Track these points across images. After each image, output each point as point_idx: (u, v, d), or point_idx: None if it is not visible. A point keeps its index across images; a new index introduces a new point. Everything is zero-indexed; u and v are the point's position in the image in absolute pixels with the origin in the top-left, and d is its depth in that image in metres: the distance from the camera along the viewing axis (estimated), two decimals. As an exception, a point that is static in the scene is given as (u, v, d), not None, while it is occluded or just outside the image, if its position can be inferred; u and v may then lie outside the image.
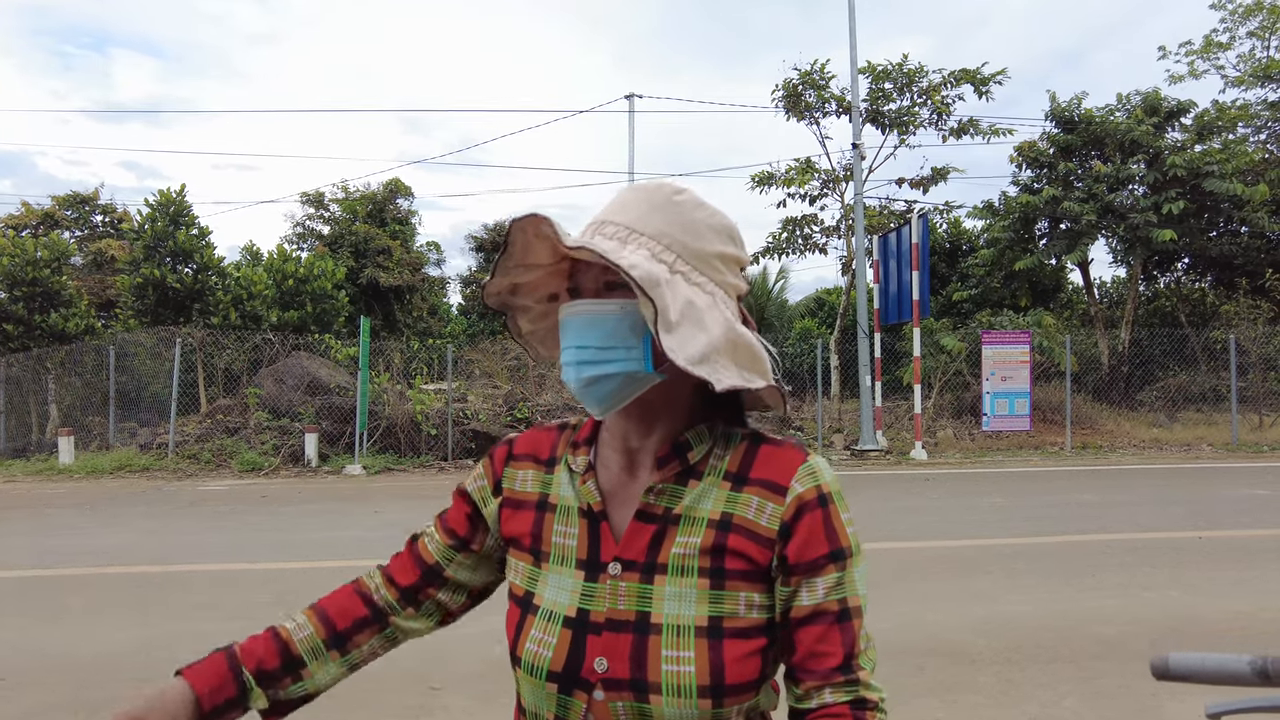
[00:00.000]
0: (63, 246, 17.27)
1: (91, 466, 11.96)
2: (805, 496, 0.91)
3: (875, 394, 14.00)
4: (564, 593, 0.95)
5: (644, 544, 0.93)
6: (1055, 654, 4.03)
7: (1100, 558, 5.98)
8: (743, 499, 0.93)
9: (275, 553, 6.58)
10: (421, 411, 13.17)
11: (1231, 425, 14.39)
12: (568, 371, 0.93)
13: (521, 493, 1.04)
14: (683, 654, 0.88)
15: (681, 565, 0.91)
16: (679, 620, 0.89)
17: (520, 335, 1.06)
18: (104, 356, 14.54)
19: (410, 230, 25.92)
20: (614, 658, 0.90)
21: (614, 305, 0.91)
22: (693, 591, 0.90)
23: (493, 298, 1.01)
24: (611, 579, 0.93)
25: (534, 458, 1.06)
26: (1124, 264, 18.52)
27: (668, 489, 0.95)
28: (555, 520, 1.00)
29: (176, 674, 0.99)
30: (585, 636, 0.92)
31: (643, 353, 0.91)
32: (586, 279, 0.94)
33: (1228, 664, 0.90)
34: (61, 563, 6.25)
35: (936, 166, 16.49)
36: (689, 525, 0.93)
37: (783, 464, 0.93)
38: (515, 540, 1.03)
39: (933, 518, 7.77)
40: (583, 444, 1.02)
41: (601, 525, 0.96)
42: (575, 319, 0.93)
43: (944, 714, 3.40)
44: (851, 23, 14.24)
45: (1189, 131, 17.41)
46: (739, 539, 0.91)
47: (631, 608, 0.91)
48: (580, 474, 0.99)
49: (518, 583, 1.01)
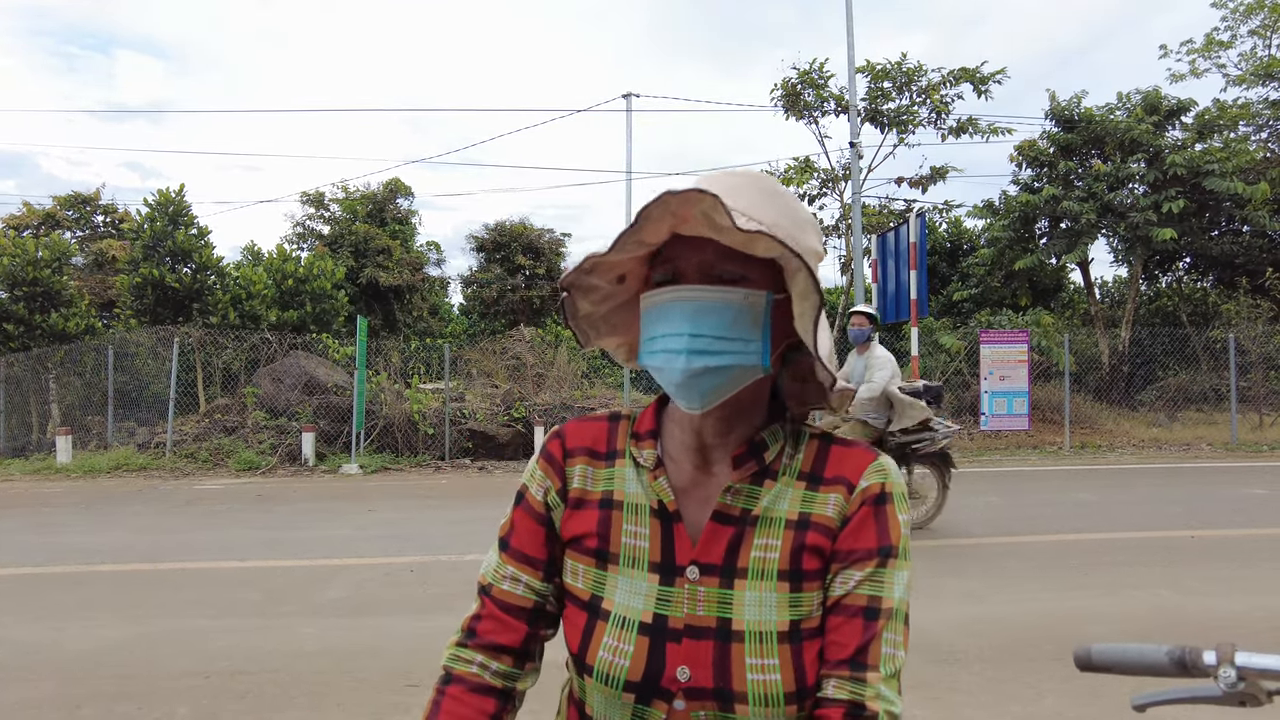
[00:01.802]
0: (64, 247, 17.31)
1: (89, 466, 11.98)
2: (870, 491, 0.90)
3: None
4: (638, 597, 0.90)
5: (722, 547, 0.90)
6: (1041, 653, 4.01)
7: (1093, 557, 5.96)
8: (819, 498, 0.91)
9: (266, 551, 6.58)
10: (419, 411, 13.18)
11: (1231, 425, 14.34)
12: (672, 359, 0.86)
13: (582, 490, 0.98)
14: (767, 661, 0.86)
15: (761, 569, 0.89)
16: (761, 626, 0.87)
17: (575, 317, 0.98)
18: (103, 356, 14.58)
19: (410, 230, 25.93)
20: (697, 666, 0.86)
21: (738, 294, 0.87)
22: (773, 595, 0.88)
23: (576, 274, 0.93)
24: (690, 583, 0.89)
25: (589, 451, 0.99)
26: (1124, 263, 18.46)
27: (744, 489, 0.92)
28: (624, 519, 0.94)
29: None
30: (664, 644, 0.88)
31: (761, 346, 0.88)
32: (690, 263, 0.89)
33: (1147, 654, 0.89)
34: (53, 560, 6.26)
35: (935, 166, 16.46)
36: (767, 527, 0.90)
37: (855, 462, 0.92)
38: (576, 541, 0.96)
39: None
40: (645, 436, 0.97)
41: (676, 526, 0.92)
42: (690, 304, 0.86)
43: (925, 712, 3.39)
44: (849, 22, 14.22)
45: (1189, 130, 17.35)
46: (816, 536, 0.90)
47: (712, 613, 0.88)
48: (650, 469, 0.94)
49: (579, 585, 0.95)
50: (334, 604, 5.05)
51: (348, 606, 5.01)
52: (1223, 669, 0.83)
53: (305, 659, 4.09)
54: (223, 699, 3.61)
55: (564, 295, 0.95)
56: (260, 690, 3.70)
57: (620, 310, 1.00)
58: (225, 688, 3.73)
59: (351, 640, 4.37)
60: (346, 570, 5.92)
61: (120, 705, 3.55)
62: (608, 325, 1.01)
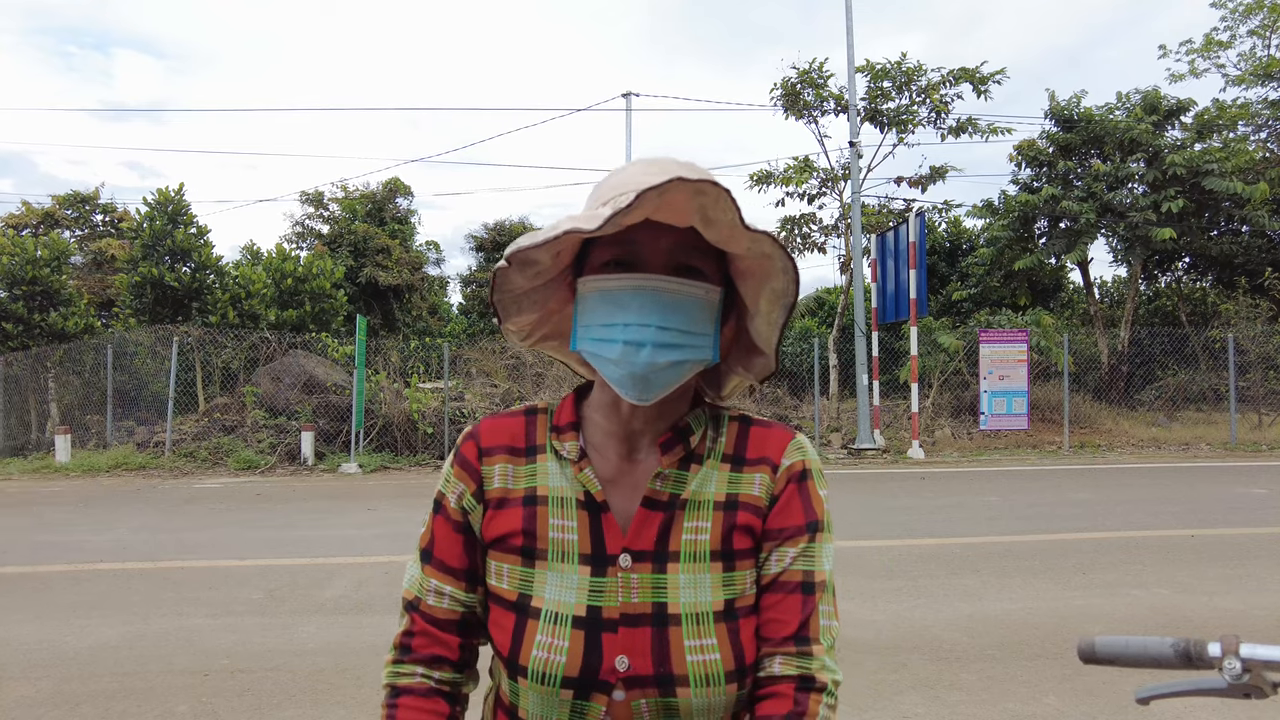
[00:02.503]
0: (63, 246, 17.29)
1: (88, 465, 11.97)
2: (793, 469, 0.94)
3: (873, 393, 13.97)
4: (569, 591, 0.88)
5: (654, 533, 0.90)
6: (1040, 651, 4.01)
7: (1091, 556, 5.95)
8: (745, 478, 0.93)
9: (266, 549, 6.57)
10: (418, 410, 13.17)
11: (1230, 425, 14.35)
12: (634, 351, 0.83)
13: (503, 489, 0.95)
14: (706, 642, 0.86)
15: (694, 551, 0.90)
16: (697, 608, 0.87)
17: (502, 291, 0.93)
18: (102, 355, 14.56)
19: (410, 229, 25.92)
20: (635, 654, 0.86)
21: (701, 289, 0.87)
22: (706, 577, 0.89)
23: (533, 248, 0.86)
24: (623, 572, 0.88)
25: (507, 449, 0.96)
26: (1124, 263, 18.46)
27: (672, 474, 0.92)
28: (550, 514, 0.92)
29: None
30: (600, 635, 0.86)
31: (713, 341, 0.90)
32: (657, 250, 0.86)
33: (1151, 647, 0.89)
34: (51, 559, 6.25)
35: (935, 165, 16.47)
36: (696, 510, 0.91)
37: (776, 442, 0.95)
38: (500, 541, 0.94)
39: (926, 516, 7.74)
40: (566, 429, 0.95)
41: (605, 516, 0.91)
42: (659, 296, 0.84)
43: (924, 710, 3.39)
44: (849, 21, 14.22)
45: (1189, 130, 17.36)
46: (746, 515, 0.91)
47: (647, 599, 0.88)
48: (574, 461, 0.93)
49: (505, 587, 0.92)
50: (334, 602, 5.05)
51: (347, 605, 5.00)
52: (1227, 661, 0.83)
53: (305, 657, 4.08)
54: (222, 697, 3.60)
55: (502, 266, 0.89)
56: (260, 688, 3.69)
57: (541, 288, 0.96)
58: (225, 686, 3.72)
59: (351, 638, 4.37)
60: (346, 569, 5.91)
61: (119, 703, 3.54)
62: (528, 301, 0.96)
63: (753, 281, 0.90)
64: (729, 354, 1.00)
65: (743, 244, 0.85)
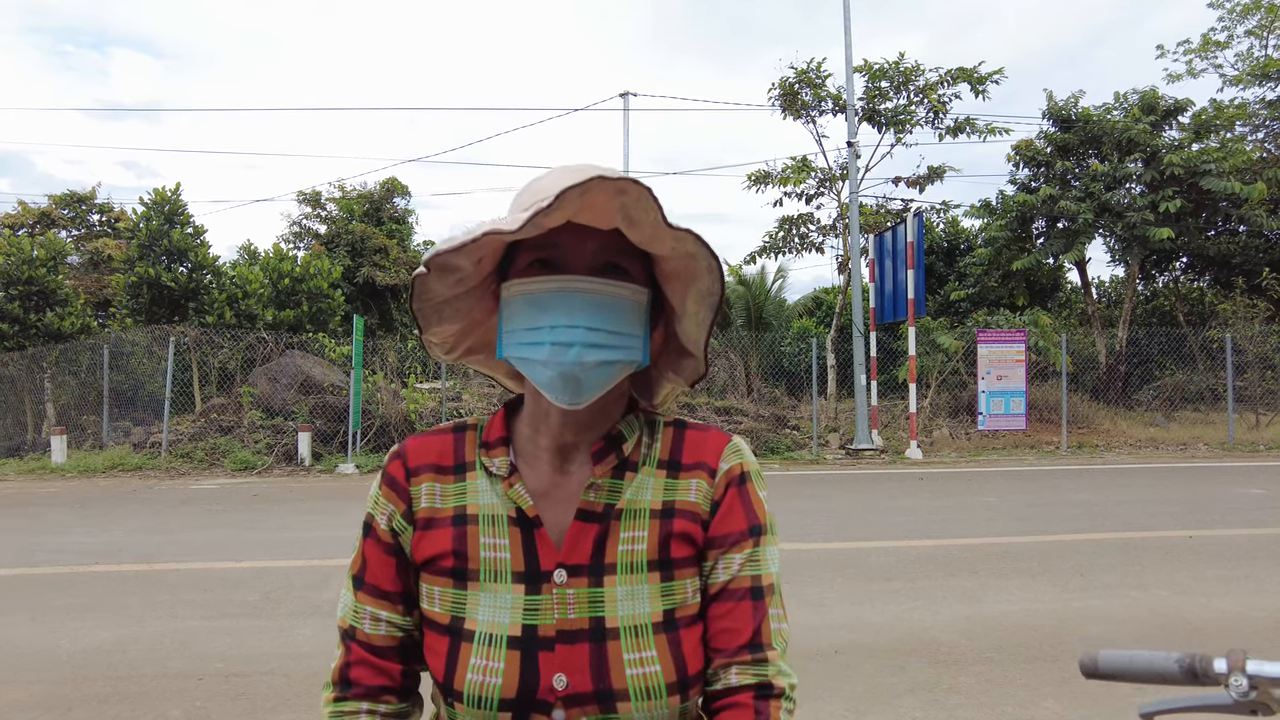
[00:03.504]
0: (59, 245, 17.24)
1: (84, 465, 11.94)
2: (732, 473, 0.92)
3: (871, 393, 13.97)
4: (503, 611, 0.86)
5: (589, 546, 0.88)
6: (1038, 654, 4.00)
7: (1090, 557, 5.94)
8: (681, 484, 0.91)
9: (262, 551, 6.55)
10: (415, 410, 13.15)
11: (1228, 424, 14.36)
12: (562, 352, 0.82)
13: (430, 509, 0.92)
14: (645, 654, 0.85)
15: (630, 562, 0.88)
16: (635, 620, 0.86)
17: (422, 299, 0.90)
18: (98, 356, 14.51)
19: (407, 229, 25.86)
20: (573, 672, 0.84)
21: (627, 289, 0.86)
22: (644, 587, 0.87)
23: (449, 253, 0.83)
24: (558, 588, 0.86)
25: (434, 467, 0.94)
26: (1121, 263, 18.48)
27: (606, 484, 0.90)
28: (480, 533, 0.89)
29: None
30: (536, 654, 0.84)
31: (643, 343, 0.89)
32: (581, 252, 0.84)
33: (1155, 662, 0.87)
34: (46, 561, 6.22)
35: (933, 165, 16.46)
36: (632, 519, 0.89)
37: (712, 446, 0.94)
38: (430, 563, 0.91)
39: (924, 517, 7.73)
40: (496, 444, 0.93)
41: (538, 532, 0.88)
42: (584, 297, 0.83)
43: (923, 714, 3.37)
44: (847, 21, 14.22)
45: (1186, 130, 17.37)
46: (684, 523, 0.90)
47: (584, 615, 0.86)
48: (504, 477, 0.90)
49: (437, 610, 0.90)
50: (330, 604, 5.02)
51: (343, 607, 4.98)
52: (1234, 677, 0.82)
53: (301, 660, 4.06)
54: (217, 701, 3.58)
55: (420, 273, 0.86)
56: (255, 692, 3.67)
57: (464, 297, 0.93)
58: (220, 689, 3.70)
59: (347, 641, 4.34)
60: (343, 571, 5.86)
61: (113, 707, 3.52)
62: (450, 310, 0.93)
63: (679, 283, 0.90)
64: (659, 359, 1.00)
65: (667, 244, 0.84)
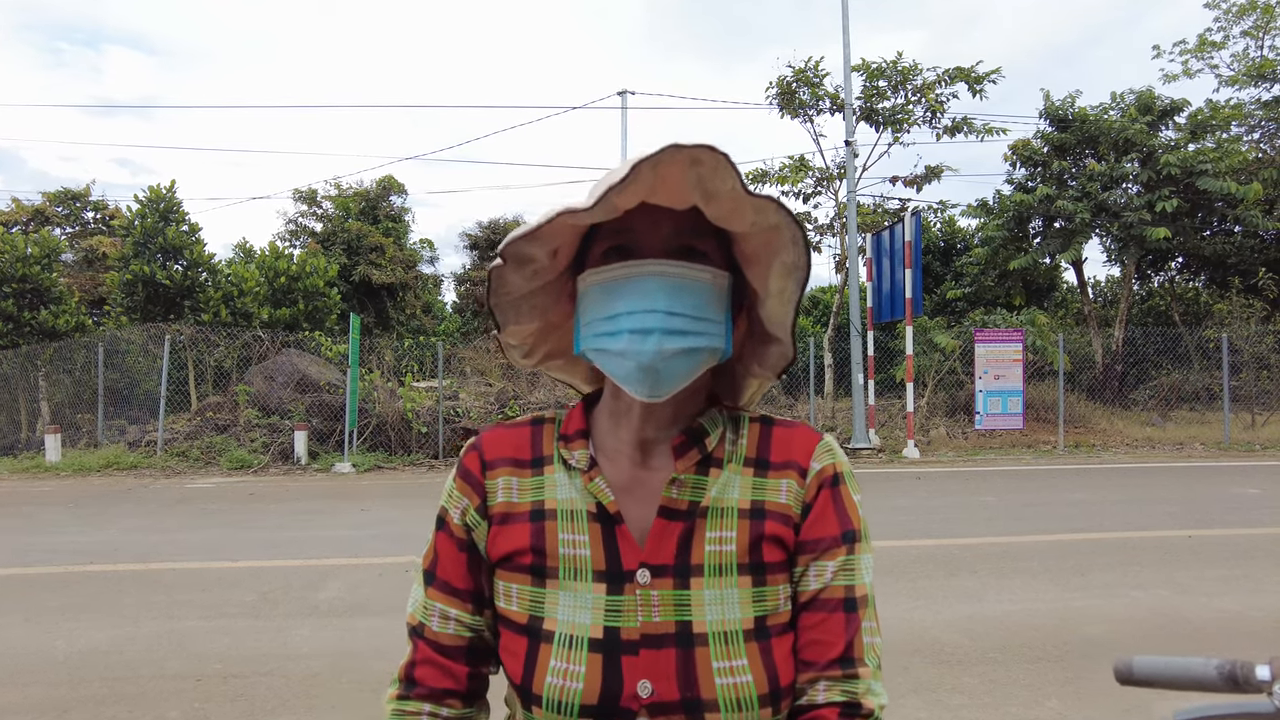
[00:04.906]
0: (53, 243, 17.15)
1: (79, 464, 11.87)
2: (824, 474, 0.87)
3: (868, 392, 13.97)
4: (584, 611, 0.82)
5: (673, 545, 0.83)
6: (1041, 654, 3.99)
7: (1089, 557, 5.94)
8: (771, 484, 0.87)
9: (259, 550, 6.51)
10: (412, 409, 13.11)
11: (1224, 424, 14.39)
12: (641, 340, 0.78)
13: (507, 504, 0.89)
14: (736, 663, 0.80)
15: (719, 564, 0.83)
16: (725, 626, 0.81)
17: (499, 294, 0.88)
18: (93, 354, 14.44)
19: (403, 228, 25.81)
20: (659, 678, 0.79)
21: (708, 272, 0.82)
22: (734, 592, 0.82)
23: (523, 240, 0.81)
24: (641, 589, 0.82)
25: (512, 460, 0.91)
26: (1118, 263, 18.53)
27: (690, 480, 0.86)
28: (559, 528, 0.86)
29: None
30: (619, 658, 0.80)
31: (725, 330, 0.84)
32: (656, 235, 0.81)
33: (1193, 668, 0.85)
34: (40, 561, 6.18)
35: (930, 164, 16.46)
36: (718, 518, 0.85)
37: (801, 444, 0.89)
38: (507, 559, 0.88)
39: (922, 517, 7.73)
40: (575, 437, 0.89)
41: (619, 529, 0.84)
42: (663, 280, 0.79)
43: (927, 715, 3.36)
44: (845, 20, 14.21)
45: (1183, 130, 17.42)
46: (775, 525, 0.85)
47: (669, 618, 0.81)
48: (584, 470, 0.87)
49: (514, 609, 0.86)
50: (328, 604, 4.99)
51: (342, 607, 4.95)
52: (1277, 685, 0.79)
53: (299, 661, 4.03)
54: (216, 702, 3.55)
55: (496, 265, 0.82)
56: (253, 693, 3.64)
57: (541, 293, 0.90)
58: (217, 690, 3.67)
59: (346, 641, 4.32)
60: (340, 570, 5.85)
61: (110, 709, 3.48)
62: (528, 307, 0.90)
63: (760, 264, 0.85)
64: (742, 351, 0.95)
65: (747, 217, 0.79)
